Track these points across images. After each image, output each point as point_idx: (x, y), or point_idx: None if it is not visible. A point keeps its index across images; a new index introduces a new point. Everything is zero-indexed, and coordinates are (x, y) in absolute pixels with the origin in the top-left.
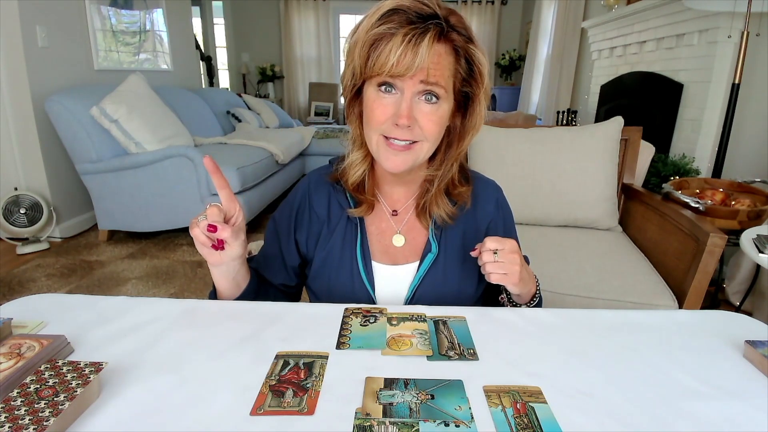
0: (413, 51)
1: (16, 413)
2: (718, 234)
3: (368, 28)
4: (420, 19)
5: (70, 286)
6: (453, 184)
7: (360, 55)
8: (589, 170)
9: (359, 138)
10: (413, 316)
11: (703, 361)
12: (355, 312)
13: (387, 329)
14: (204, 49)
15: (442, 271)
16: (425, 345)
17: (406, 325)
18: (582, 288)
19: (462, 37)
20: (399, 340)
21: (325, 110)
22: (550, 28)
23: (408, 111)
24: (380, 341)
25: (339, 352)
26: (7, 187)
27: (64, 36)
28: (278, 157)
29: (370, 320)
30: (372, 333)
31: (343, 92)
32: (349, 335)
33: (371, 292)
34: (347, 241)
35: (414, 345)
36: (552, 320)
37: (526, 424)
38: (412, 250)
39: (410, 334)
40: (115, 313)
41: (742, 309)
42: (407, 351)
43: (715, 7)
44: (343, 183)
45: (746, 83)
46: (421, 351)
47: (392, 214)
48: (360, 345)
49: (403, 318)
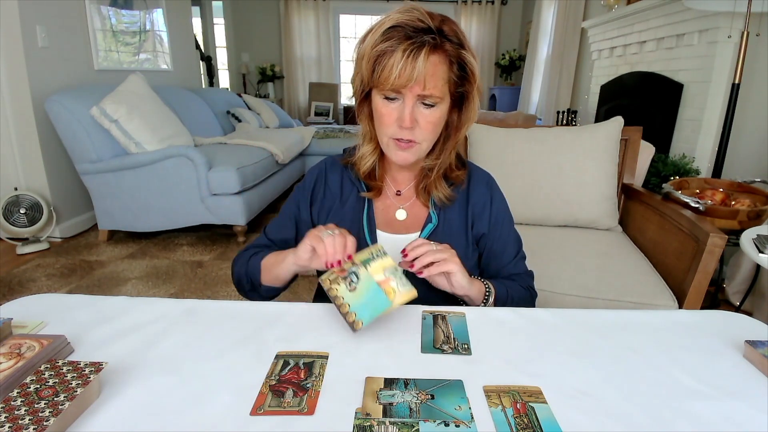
0: (411, 65)
1: (16, 413)
2: (718, 234)
3: (372, 44)
4: (416, 33)
5: (70, 286)
6: (451, 168)
7: (366, 68)
8: (589, 170)
9: (369, 133)
10: (373, 254)
11: (703, 361)
12: (331, 279)
13: (374, 279)
14: (204, 49)
15: (441, 239)
16: (404, 285)
17: (374, 267)
18: (582, 288)
19: (454, 45)
20: (386, 289)
21: (325, 110)
22: (550, 28)
23: (410, 116)
24: (382, 299)
25: (339, 352)
26: (7, 187)
27: (64, 36)
28: (278, 157)
29: (353, 280)
30: (367, 294)
31: (354, 94)
32: (349, 308)
33: None
34: (356, 212)
35: (397, 290)
36: (552, 320)
37: (526, 424)
38: (414, 223)
39: (384, 278)
40: (115, 313)
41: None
42: (399, 299)
43: (715, 7)
44: (356, 171)
45: (746, 83)
46: (407, 295)
47: (396, 193)
48: (372, 315)
49: (366, 260)
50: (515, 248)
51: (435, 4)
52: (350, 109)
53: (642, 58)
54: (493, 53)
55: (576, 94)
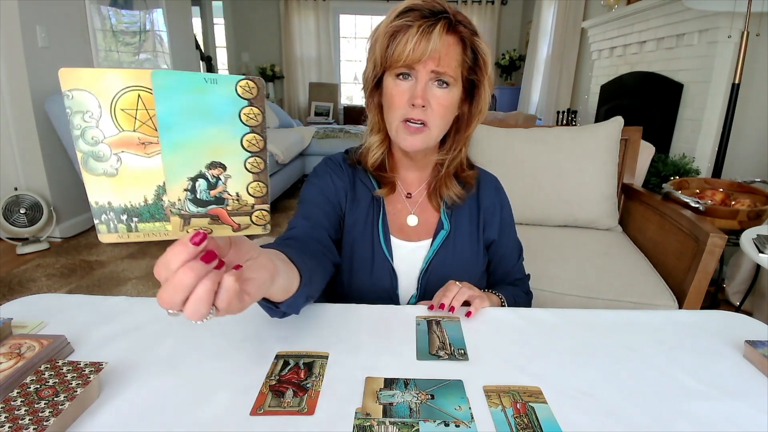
0: (426, 39)
1: (16, 413)
2: (718, 234)
3: (387, 23)
4: (432, 14)
5: (70, 286)
6: (461, 167)
7: (380, 47)
8: (589, 170)
9: (377, 124)
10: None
11: (703, 361)
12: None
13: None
14: (204, 49)
15: (452, 247)
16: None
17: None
18: (582, 288)
19: (468, 30)
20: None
21: (325, 110)
22: (550, 28)
23: (422, 92)
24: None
25: (339, 352)
26: (7, 187)
27: (64, 36)
28: (278, 157)
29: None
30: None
31: (365, 85)
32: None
33: (390, 260)
34: (370, 216)
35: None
36: (552, 320)
37: (526, 424)
38: (425, 229)
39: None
40: (115, 313)
41: (742, 309)
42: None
43: (715, 7)
44: (364, 165)
45: (746, 83)
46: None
47: (407, 196)
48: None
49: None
50: (518, 251)
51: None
52: (350, 110)
53: (642, 58)
54: (493, 53)
55: (576, 94)
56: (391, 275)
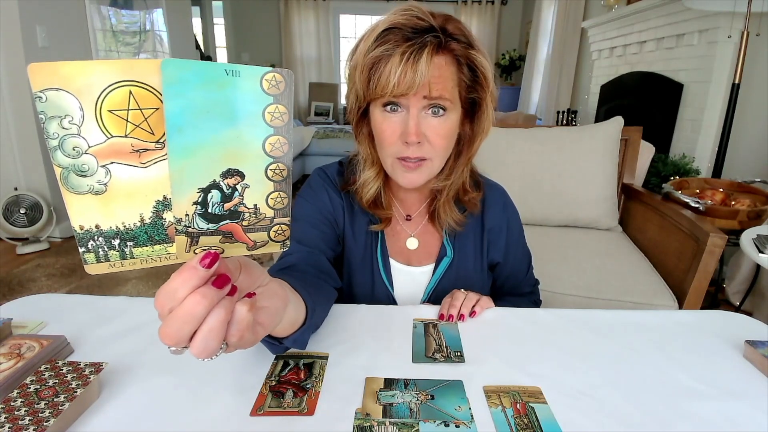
0: (413, 69)
1: (16, 413)
2: (718, 234)
3: (365, 51)
4: (416, 34)
5: (70, 286)
6: (464, 189)
7: (360, 80)
8: (589, 170)
9: (370, 156)
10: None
11: (703, 361)
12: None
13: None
14: (204, 49)
15: (456, 273)
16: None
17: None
18: (582, 288)
19: (461, 44)
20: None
21: (325, 110)
22: (550, 28)
23: (416, 128)
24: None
25: (339, 352)
26: (7, 187)
27: (64, 36)
28: None
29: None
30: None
31: (349, 114)
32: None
33: (390, 290)
34: (368, 242)
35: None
36: (552, 320)
37: (526, 424)
38: (426, 253)
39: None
40: (115, 313)
41: (742, 309)
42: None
43: (715, 7)
44: (358, 201)
45: (746, 83)
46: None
47: (406, 218)
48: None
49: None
50: (527, 263)
51: (435, 4)
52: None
53: (642, 58)
54: (493, 53)
55: (576, 94)
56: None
